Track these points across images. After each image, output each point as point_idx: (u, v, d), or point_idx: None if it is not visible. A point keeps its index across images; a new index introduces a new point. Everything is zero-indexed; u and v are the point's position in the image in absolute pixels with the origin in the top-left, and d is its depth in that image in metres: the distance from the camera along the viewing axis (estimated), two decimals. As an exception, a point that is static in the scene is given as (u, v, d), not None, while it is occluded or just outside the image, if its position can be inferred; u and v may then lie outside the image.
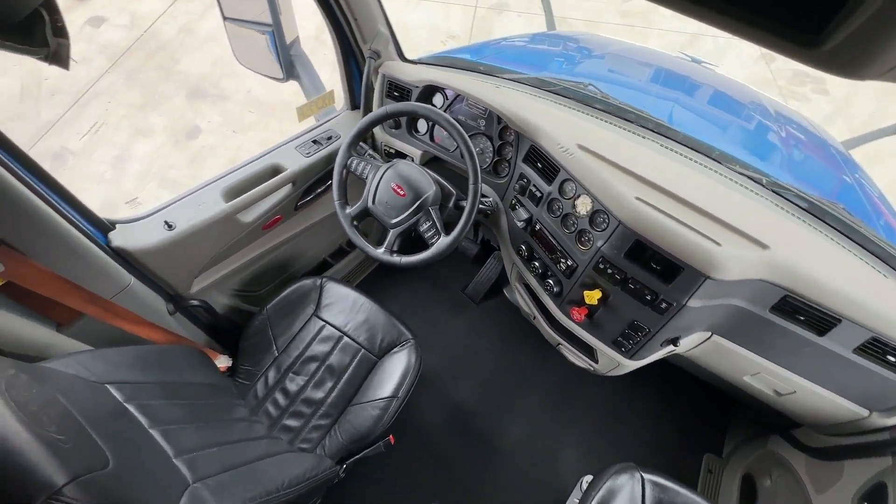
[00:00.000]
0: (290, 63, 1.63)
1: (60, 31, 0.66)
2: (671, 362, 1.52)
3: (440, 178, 1.28)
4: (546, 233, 1.24)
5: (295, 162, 1.40)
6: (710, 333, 1.17)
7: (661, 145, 1.24)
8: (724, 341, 1.17)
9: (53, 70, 3.91)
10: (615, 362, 1.26)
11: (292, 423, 1.28)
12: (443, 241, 1.19)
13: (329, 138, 1.49)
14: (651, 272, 1.05)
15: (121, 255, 1.09)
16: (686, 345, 1.20)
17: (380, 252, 1.24)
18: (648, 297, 1.07)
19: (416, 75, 1.38)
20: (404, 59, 1.48)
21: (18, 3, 0.57)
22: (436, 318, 1.97)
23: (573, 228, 1.17)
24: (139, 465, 0.70)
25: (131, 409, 0.84)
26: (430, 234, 1.21)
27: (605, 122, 1.30)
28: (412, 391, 1.31)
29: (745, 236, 1.01)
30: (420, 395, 1.74)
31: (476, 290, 1.97)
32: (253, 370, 1.35)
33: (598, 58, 2.14)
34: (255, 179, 1.35)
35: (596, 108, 1.34)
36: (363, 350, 1.37)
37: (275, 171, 1.38)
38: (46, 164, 2.85)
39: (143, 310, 1.14)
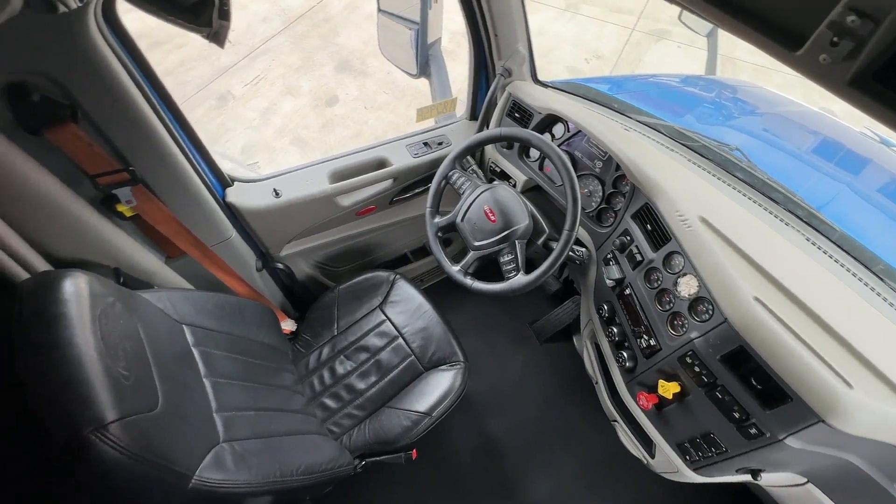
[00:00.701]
0: (425, 62, 1.67)
1: (225, 15, 0.73)
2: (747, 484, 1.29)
3: (536, 212, 1.22)
4: (635, 301, 1.12)
5: (401, 159, 1.43)
6: (804, 480, 0.96)
7: (808, 240, 1.04)
8: (823, 497, 0.95)
9: (239, 23, 4.52)
10: (674, 467, 1.10)
11: (330, 403, 1.32)
12: (519, 280, 1.13)
13: (440, 143, 1.50)
14: (748, 388, 0.88)
15: (230, 210, 1.21)
16: (769, 481, 1.00)
17: (454, 269, 1.22)
18: (736, 415, 0.90)
19: (543, 101, 1.31)
20: (536, 81, 1.42)
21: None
22: (495, 343, 1.91)
23: (668, 307, 1.03)
24: (182, 412, 0.77)
25: (196, 354, 0.93)
26: (509, 267, 1.15)
27: (744, 196, 1.12)
28: (448, 413, 1.28)
29: (892, 386, 0.80)
30: (456, 417, 1.71)
31: (544, 328, 1.87)
32: (311, 341, 1.42)
33: (756, 115, 1.87)
34: (361, 168, 1.40)
35: (736, 178, 1.16)
36: (413, 357, 1.37)
37: (381, 164, 1.43)
38: (212, 103, 3.28)
39: (235, 262, 1.26)
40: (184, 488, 0.70)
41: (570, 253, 1.19)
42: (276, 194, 1.26)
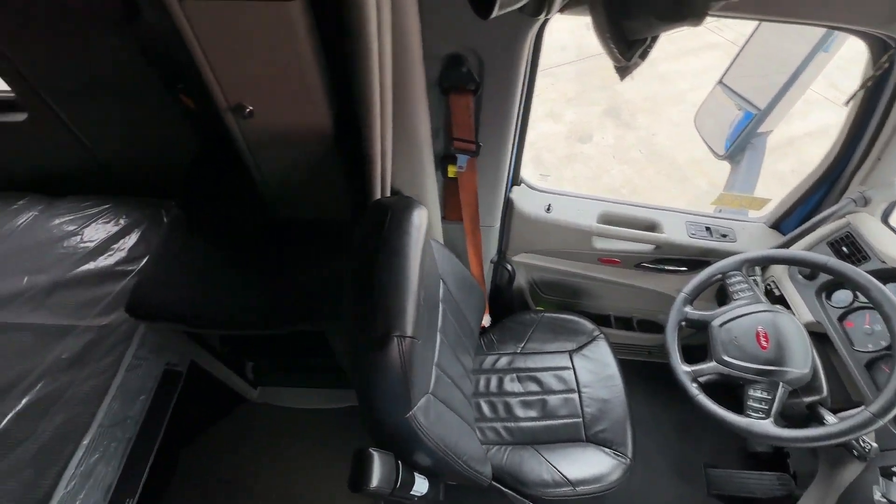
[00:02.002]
0: (741, 148, 1.54)
1: (644, 55, 0.77)
2: None
3: (819, 366, 1.01)
4: (916, 546, 0.83)
5: (675, 232, 1.35)
6: None
7: None
8: None
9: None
10: None
11: (485, 408, 1.35)
12: (762, 426, 0.94)
13: (724, 236, 1.36)
14: None
15: (506, 204, 1.32)
16: None
17: (684, 369, 1.09)
18: None
19: (890, 249, 1.07)
20: (886, 223, 1.17)
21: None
22: (655, 457, 1.66)
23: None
24: (424, 352, 0.87)
25: (440, 308, 1.04)
26: (756, 405, 0.98)
27: None
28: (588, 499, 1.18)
29: None
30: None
31: (723, 482, 1.55)
32: (496, 345, 1.47)
33: None
34: (631, 222, 1.37)
35: None
36: (581, 420, 1.29)
37: (652, 226, 1.38)
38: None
39: (484, 245, 1.37)
40: (401, 416, 0.78)
41: (855, 441, 0.94)
42: (547, 210, 1.33)
